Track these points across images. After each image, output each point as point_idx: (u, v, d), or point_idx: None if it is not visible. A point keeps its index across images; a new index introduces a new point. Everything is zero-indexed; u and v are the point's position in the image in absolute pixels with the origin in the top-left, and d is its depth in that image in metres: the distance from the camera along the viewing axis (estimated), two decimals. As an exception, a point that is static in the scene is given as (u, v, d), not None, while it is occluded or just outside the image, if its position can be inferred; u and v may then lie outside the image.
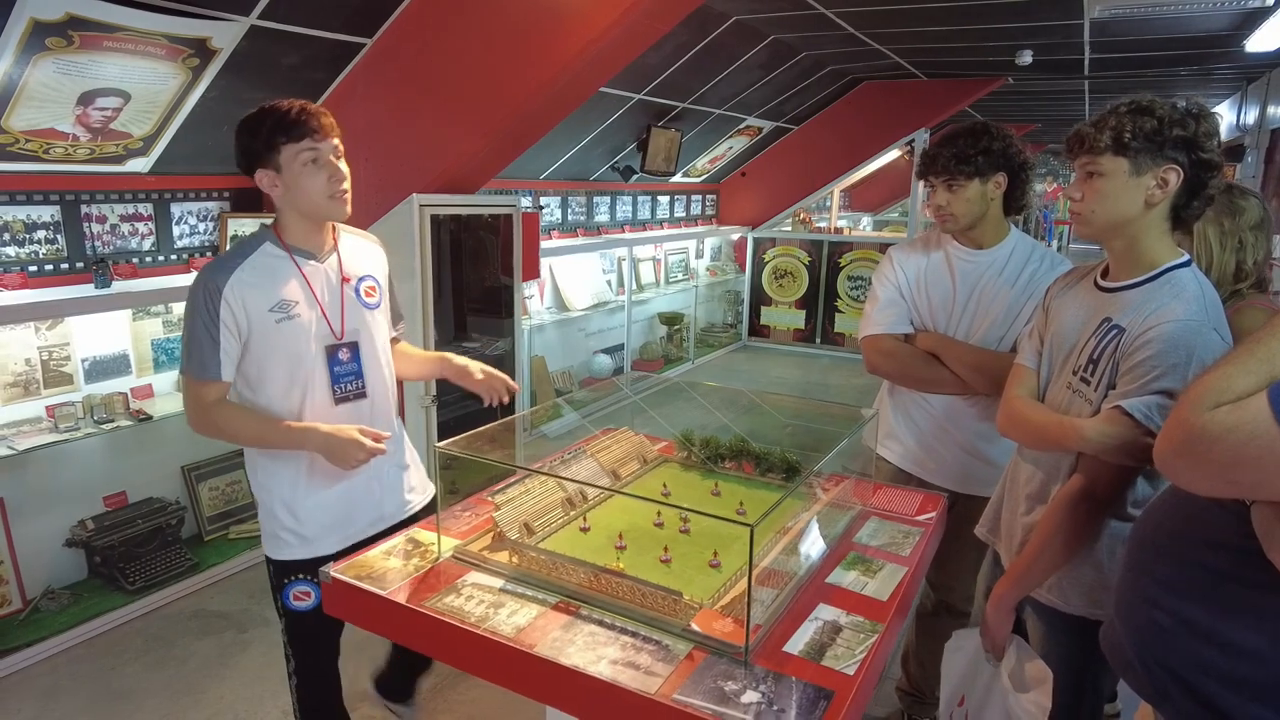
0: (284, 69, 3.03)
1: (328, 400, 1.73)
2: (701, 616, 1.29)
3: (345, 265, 1.79)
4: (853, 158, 7.39)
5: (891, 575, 1.51)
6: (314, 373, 1.71)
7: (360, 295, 1.79)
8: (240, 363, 1.69)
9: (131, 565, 3.18)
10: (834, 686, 1.16)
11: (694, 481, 1.89)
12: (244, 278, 1.65)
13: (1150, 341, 1.37)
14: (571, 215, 6.04)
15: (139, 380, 3.33)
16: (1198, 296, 1.40)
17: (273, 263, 1.69)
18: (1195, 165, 1.40)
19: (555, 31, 2.80)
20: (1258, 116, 6.16)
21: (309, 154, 1.63)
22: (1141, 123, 1.39)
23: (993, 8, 4.19)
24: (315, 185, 1.64)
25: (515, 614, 1.33)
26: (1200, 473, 1.00)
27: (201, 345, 1.63)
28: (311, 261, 1.73)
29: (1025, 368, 1.68)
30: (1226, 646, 1.04)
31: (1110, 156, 1.42)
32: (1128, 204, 1.43)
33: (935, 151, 2.02)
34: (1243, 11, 4.01)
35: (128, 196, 3.19)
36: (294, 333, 1.68)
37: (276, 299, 1.66)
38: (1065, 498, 1.48)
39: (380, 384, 1.83)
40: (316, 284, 1.73)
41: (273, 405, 1.71)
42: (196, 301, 1.63)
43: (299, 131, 1.62)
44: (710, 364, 7.53)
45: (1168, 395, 1.33)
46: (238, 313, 1.63)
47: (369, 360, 1.80)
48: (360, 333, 1.78)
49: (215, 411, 1.66)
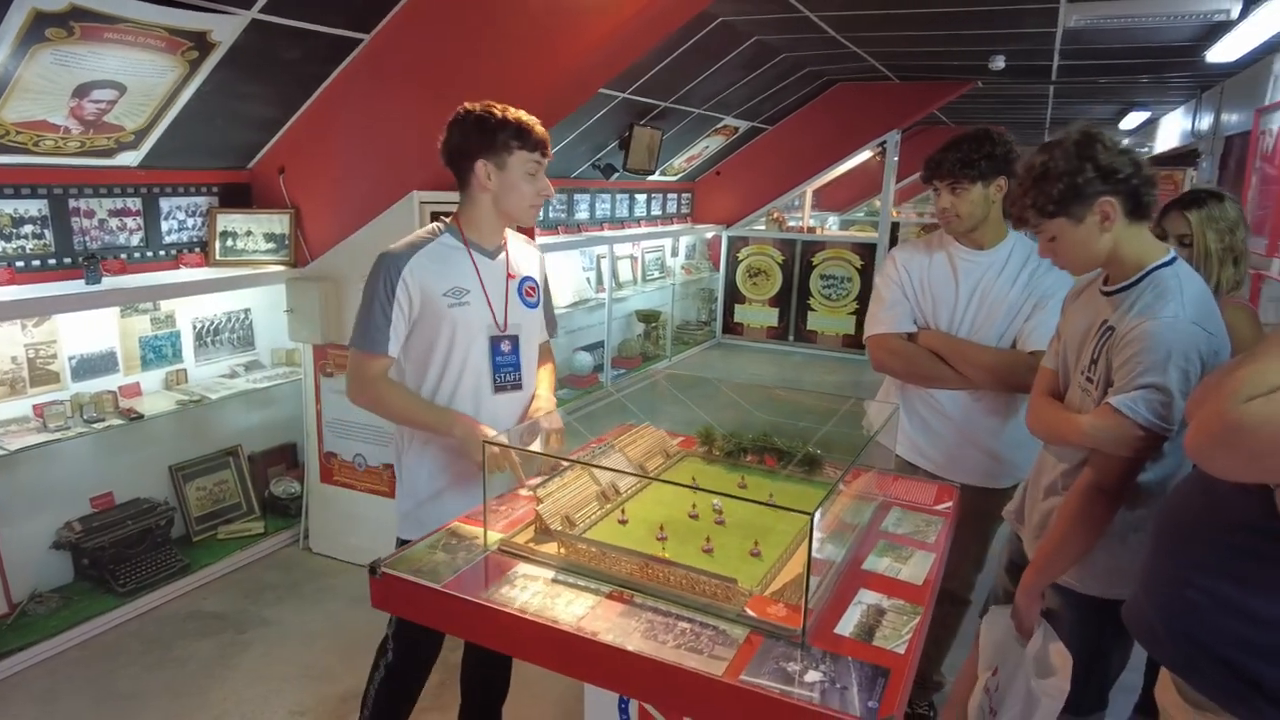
0: (281, 63, 2.99)
1: (489, 387, 1.88)
2: (754, 602, 1.34)
3: (512, 264, 1.93)
4: (826, 158, 7.52)
5: (921, 561, 1.57)
6: (479, 359, 1.86)
7: (522, 294, 1.94)
8: (407, 343, 1.83)
9: (121, 567, 3.13)
10: (889, 665, 1.22)
11: (720, 474, 1.94)
12: (423, 262, 1.80)
13: (1133, 340, 1.47)
14: (553, 213, 6.05)
15: (127, 378, 3.27)
16: (1177, 293, 1.48)
17: (450, 252, 1.84)
18: (1120, 183, 1.50)
19: (560, 32, 2.82)
20: (1212, 123, 6.43)
21: (534, 165, 1.81)
22: (1049, 188, 1.51)
23: (973, 14, 4.32)
24: (528, 192, 1.82)
25: (572, 604, 1.36)
26: (1235, 460, 1.08)
27: (374, 321, 1.78)
28: (485, 257, 1.88)
29: (1048, 369, 1.78)
30: (1254, 619, 1.13)
31: (1048, 221, 1.54)
32: (1088, 247, 1.55)
33: (941, 156, 2.10)
34: (1206, 25, 4.20)
35: (116, 191, 3.13)
36: (465, 318, 1.83)
37: (452, 284, 1.81)
38: (1078, 491, 1.57)
39: (532, 380, 1.99)
40: (487, 277, 1.87)
41: (434, 385, 1.85)
42: (375, 279, 1.79)
43: (533, 143, 1.80)
44: (686, 361, 7.60)
45: (1153, 389, 1.42)
46: (414, 293, 1.78)
47: (526, 355, 1.94)
48: (521, 328, 1.92)
49: (377, 385, 1.81)
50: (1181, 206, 2.07)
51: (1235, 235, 2.02)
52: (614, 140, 5.78)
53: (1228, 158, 6.00)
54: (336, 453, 3.56)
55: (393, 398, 1.83)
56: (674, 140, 6.47)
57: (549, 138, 1.84)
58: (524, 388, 1.94)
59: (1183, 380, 1.42)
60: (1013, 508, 1.94)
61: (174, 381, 3.43)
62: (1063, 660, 1.59)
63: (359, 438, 3.47)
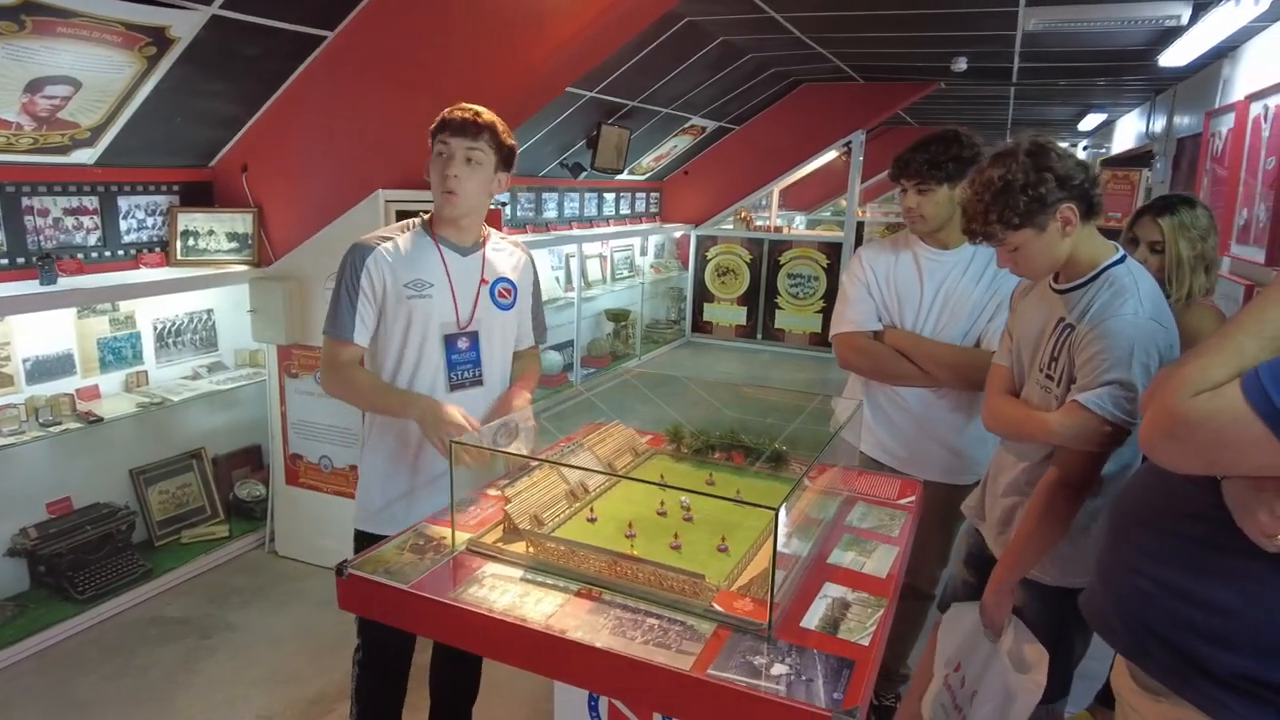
0: (243, 60, 2.95)
1: (444, 384, 1.90)
2: (721, 597, 1.35)
3: (488, 265, 1.96)
4: (792, 158, 7.58)
5: (885, 555, 1.61)
6: (434, 352, 1.89)
7: (494, 295, 1.96)
8: (375, 331, 1.88)
9: (80, 574, 3.06)
10: (853, 656, 1.24)
11: (688, 472, 1.96)
12: (389, 252, 1.85)
13: (1096, 338, 1.50)
14: (521, 211, 6.03)
15: (84, 381, 3.19)
16: (1133, 290, 1.54)
17: (419, 246, 1.89)
18: (1075, 189, 1.55)
19: (529, 30, 2.81)
20: (1165, 125, 6.60)
21: (441, 147, 1.82)
22: (1014, 201, 1.54)
23: (936, 16, 4.39)
24: (436, 179, 1.83)
25: (541, 602, 1.37)
26: (1183, 453, 1.11)
27: (342, 309, 1.84)
28: (455, 253, 1.91)
29: (1002, 367, 1.82)
30: (1202, 605, 1.17)
31: (1013, 233, 1.57)
32: (1050, 252, 1.59)
33: (909, 156, 2.13)
34: (1158, 30, 4.31)
35: (72, 189, 3.06)
36: (424, 310, 1.86)
37: (415, 276, 1.85)
38: (1045, 487, 1.61)
39: (499, 378, 2.00)
40: (456, 273, 1.90)
41: (392, 373, 1.89)
42: (343, 268, 1.84)
43: (437, 128, 1.83)
44: (656, 360, 7.62)
45: (1118, 385, 1.47)
46: (377, 282, 1.83)
47: (489, 353, 1.96)
48: (486, 326, 1.94)
49: (346, 371, 1.86)
50: (1154, 213, 2.09)
51: (1206, 243, 2.04)
52: (582, 139, 5.77)
53: (1180, 159, 6.18)
54: (302, 454, 3.51)
55: (360, 383, 1.87)
56: (642, 139, 6.48)
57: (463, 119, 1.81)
58: (485, 384, 1.96)
59: (1144, 375, 1.46)
60: (972, 503, 1.98)
61: (135, 384, 3.36)
62: (1038, 656, 1.63)
63: (324, 439, 3.43)
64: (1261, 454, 1.00)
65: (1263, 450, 0.99)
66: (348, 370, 1.86)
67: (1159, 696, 1.25)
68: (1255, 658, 1.11)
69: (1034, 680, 1.60)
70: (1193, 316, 1.99)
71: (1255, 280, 3.56)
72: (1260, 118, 3.79)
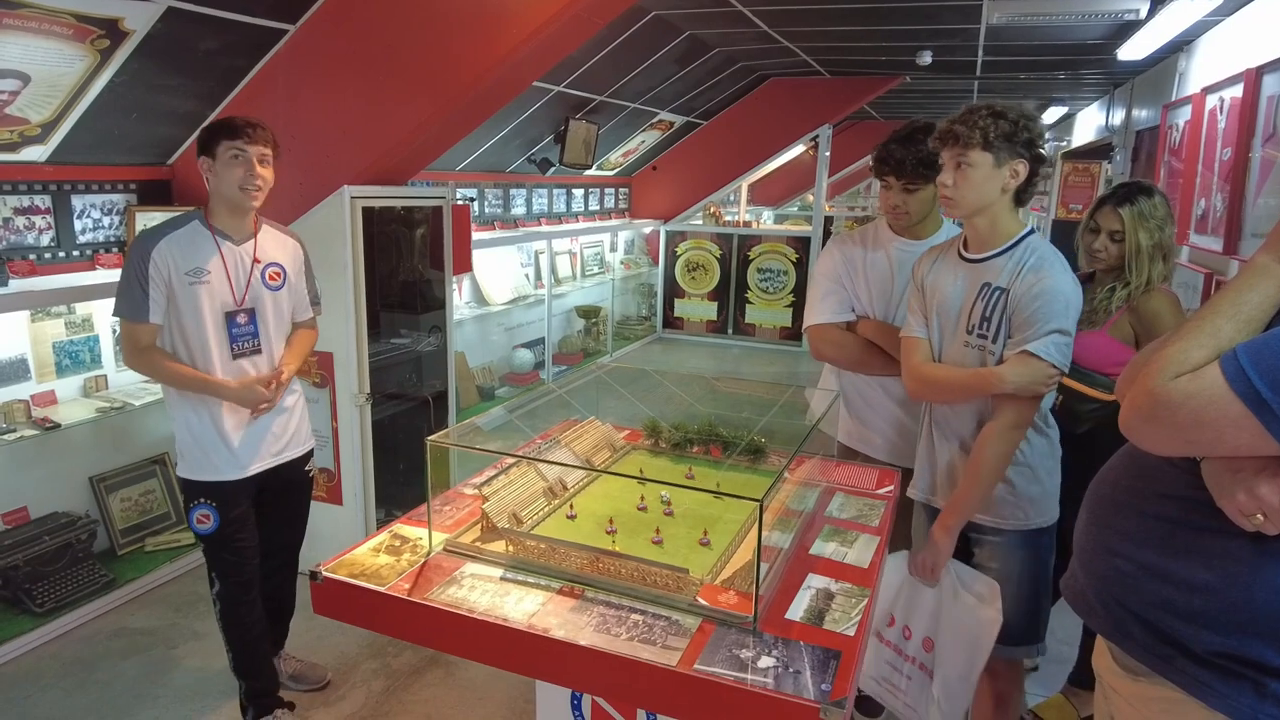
0: (200, 54, 2.86)
1: (227, 354, 2.19)
2: (705, 591, 1.34)
3: (259, 250, 2.25)
4: (760, 152, 7.60)
5: (867, 544, 1.61)
6: (216, 329, 2.16)
7: (264, 277, 2.25)
8: (167, 316, 2.12)
9: (38, 586, 2.96)
10: (840, 647, 1.23)
11: (667, 466, 1.95)
12: (170, 245, 2.11)
13: (1037, 296, 1.68)
14: (489, 208, 5.97)
15: (40, 386, 3.09)
16: (1054, 255, 1.74)
17: (196, 237, 2.16)
18: (1035, 159, 1.73)
19: (494, 23, 2.77)
20: (1124, 119, 6.73)
21: (237, 150, 2.09)
22: (1001, 125, 1.69)
23: (900, 10, 4.43)
24: (234, 176, 2.10)
25: (522, 601, 1.34)
26: (1163, 435, 1.12)
27: (134, 294, 2.07)
28: (229, 242, 2.19)
29: (918, 338, 1.90)
30: (1182, 585, 1.18)
31: (979, 151, 1.70)
32: (990, 190, 1.73)
33: (901, 154, 2.06)
34: (1117, 24, 4.39)
35: (22, 187, 2.96)
36: (203, 295, 2.13)
37: (193, 265, 2.12)
38: (997, 434, 1.73)
39: (275, 346, 2.31)
40: (230, 260, 2.18)
41: (188, 353, 2.15)
42: (131, 259, 2.08)
43: (232, 131, 2.10)
44: (628, 356, 7.60)
45: (1060, 333, 1.67)
46: (163, 271, 2.08)
47: (265, 326, 2.26)
48: (259, 303, 2.23)
49: (148, 354, 2.12)
50: (1115, 202, 2.12)
51: (1164, 232, 2.09)
52: (550, 134, 5.73)
53: (1139, 151, 6.30)
54: (270, 458, 3.44)
55: (163, 366, 2.13)
56: (610, 135, 6.45)
57: (260, 127, 2.11)
58: (264, 352, 2.27)
59: (1073, 325, 1.70)
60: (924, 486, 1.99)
61: (93, 388, 3.25)
62: (990, 590, 1.72)
63: (293, 442, 3.35)
64: (1240, 434, 1.01)
65: (1241, 430, 1.01)
66: (151, 354, 2.12)
67: (1139, 677, 1.26)
68: (1235, 636, 1.12)
69: (991, 614, 1.70)
70: (1151, 302, 2.05)
71: (1213, 269, 3.64)
72: (1216, 110, 3.87)
